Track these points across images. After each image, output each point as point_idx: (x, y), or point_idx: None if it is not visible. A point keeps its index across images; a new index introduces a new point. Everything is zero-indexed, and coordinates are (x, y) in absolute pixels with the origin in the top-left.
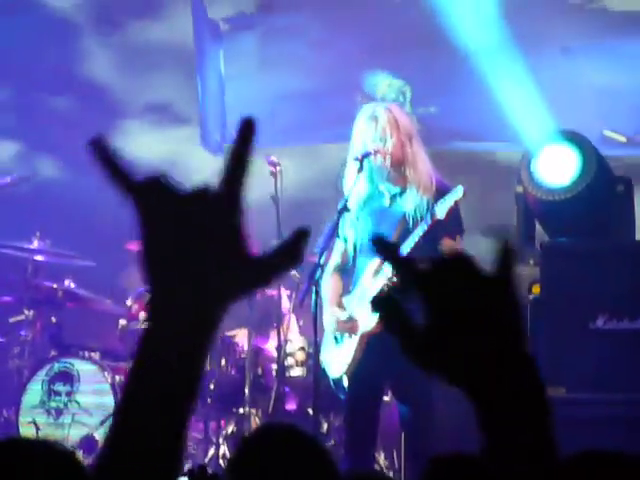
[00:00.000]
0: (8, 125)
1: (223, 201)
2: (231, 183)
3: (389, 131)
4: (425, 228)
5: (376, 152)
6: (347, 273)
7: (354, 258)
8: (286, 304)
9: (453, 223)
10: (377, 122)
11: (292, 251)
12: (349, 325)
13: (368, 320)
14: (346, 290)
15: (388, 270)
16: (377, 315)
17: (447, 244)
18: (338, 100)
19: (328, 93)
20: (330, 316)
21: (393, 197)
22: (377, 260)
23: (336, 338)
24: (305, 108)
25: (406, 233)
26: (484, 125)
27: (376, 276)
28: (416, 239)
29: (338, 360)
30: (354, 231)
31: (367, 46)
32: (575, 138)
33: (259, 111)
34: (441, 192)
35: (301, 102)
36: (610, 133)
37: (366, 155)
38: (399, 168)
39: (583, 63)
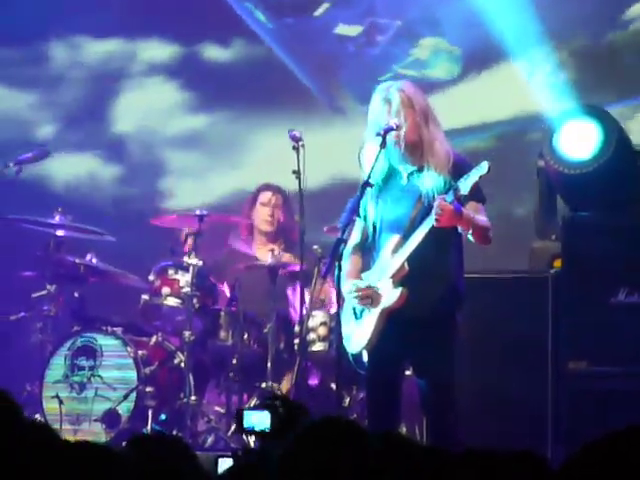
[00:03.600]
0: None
1: None
2: None
3: (403, 113)
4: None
5: (398, 127)
6: (367, 250)
7: (374, 235)
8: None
9: (476, 191)
10: (390, 105)
11: None
12: (369, 293)
13: (389, 295)
14: (366, 267)
15: (409, 246)
16: (398, 290)
17: (472, 207)
18: None
19: None
20: (350, 285)
21: (410, 175)
22: (397, 236)
23: (355, 313)
24: None
25: (424, 211)
26: None
27: (396, 252)
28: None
29: (358, 335)
30: (374, 208)
31: None
32: (597, 112)
33: None
34: (459, 167)
35: None
36: None
37: (389, 130)
38: (415, 150)
39: None
